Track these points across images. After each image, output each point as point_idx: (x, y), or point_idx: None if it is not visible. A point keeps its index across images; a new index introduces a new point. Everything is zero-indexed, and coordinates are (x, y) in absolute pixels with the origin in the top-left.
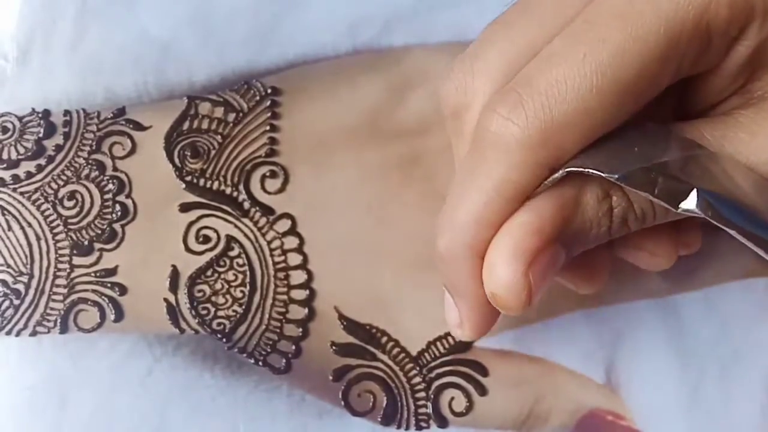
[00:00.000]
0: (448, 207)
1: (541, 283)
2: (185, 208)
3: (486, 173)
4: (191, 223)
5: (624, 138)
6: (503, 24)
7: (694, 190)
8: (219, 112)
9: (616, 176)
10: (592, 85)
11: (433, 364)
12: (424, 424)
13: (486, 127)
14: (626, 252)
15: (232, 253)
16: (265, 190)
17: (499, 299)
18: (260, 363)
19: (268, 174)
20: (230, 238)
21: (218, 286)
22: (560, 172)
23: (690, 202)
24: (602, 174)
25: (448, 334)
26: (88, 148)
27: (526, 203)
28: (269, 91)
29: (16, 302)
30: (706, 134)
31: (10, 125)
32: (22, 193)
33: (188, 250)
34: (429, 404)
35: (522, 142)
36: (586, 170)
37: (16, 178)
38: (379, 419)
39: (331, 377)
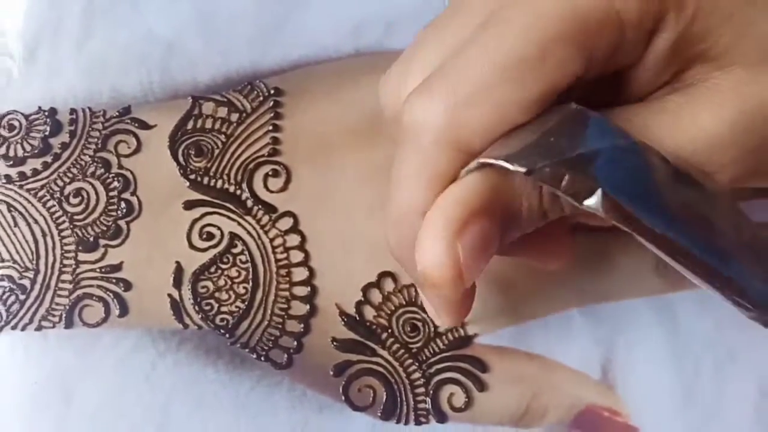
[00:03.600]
0: (385, 208)
1: (473, 260)
2: (189, 205)
3: (407, 162)
4: (195, 221)
5: (543, 125)
6: (435, 27)
7: (599, 190)
8: (223, 111)
9: (524, 170)
10: (494, 62)
11: (432, 360)
12: (423, 419)
13: (403, 119)
14: (521, 254)
15: (235, 250)
16: (267, 189)
17: (428, 277)
18: (262, 358)
19: (270, 173)
20: (233, 236)
21: (221, 282)
22: (474, 162)
23: (593, 200)
24: (510, 167)
25: (448, 330)
26: (93, 146)
27: (454, 184)
28: (272, 91)
29: (22, 297)
30: (632, 119)
31: (16, 123)
32: (28, 190)
33: (192, 246)
34: (428, 399)
35: (431, 125)
36: (497, 162)
37: (22, 175)
38: (379, 414)
39: (331, 372)
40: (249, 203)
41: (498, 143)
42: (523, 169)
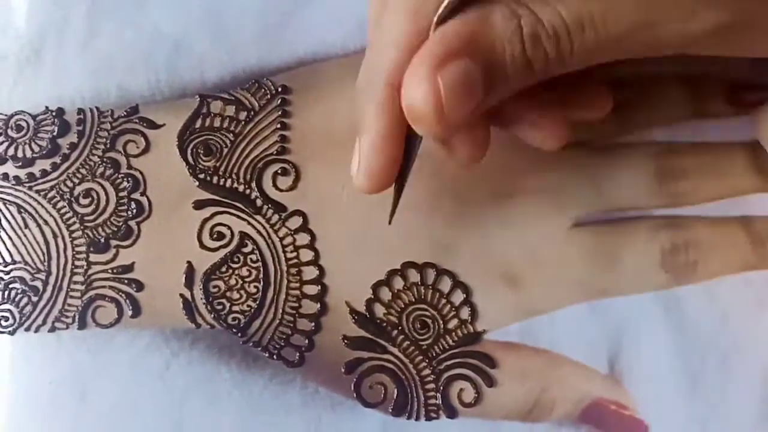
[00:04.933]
0: (368, 45)
1: (454, 96)
2: (199, 205)
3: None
4: (205, 220)
5: None
6: None
7: None
8: (231, 110)
9: None
10: None
11: (442, 356)
12: (433, 415)
13: None
14: (516, 127)
15: (246, 250)
16: (276, 188)
17: (412, 110)
18: (274, 357)
19: (279, 171)
20: (244, 235)
21: (233, 281)
22: None
23: None
24: None
25: (457, 327)
26: (102, 146)
27: (437, 29)
28: (280, 89)
29: (35, 299)
30: None
31: (24, 124)
32: (38, 191)
33: (203, 246)
34: (438, 395)
35: None
36: None
37: (31, 176)
38: (391, 410)
39: (343, 370)
40: (258, 202)
41: None
42: None
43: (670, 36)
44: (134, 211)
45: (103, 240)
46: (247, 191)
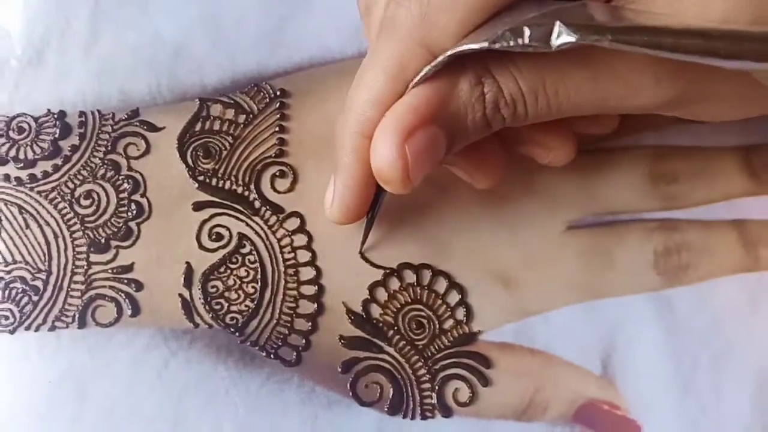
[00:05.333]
0: (351, 89)
1: (419, 161)
2: (198, 206)
3: (378, 53)
4: (204, 222)
5: (498, 22)
6: None
7: (557, 23)
8: (230, 113)
9: (486, 43)
10: None
11: (437, 356)
12: (429, 414)
13: (385, 14)
14: (523, 147)
15: (244, 251)
16: (275, 190)
17: (381, 172)
18: (272, 356)
19: (277, 174)
20: (242, 236)
21: (231, 282)
22: (441, 57)
23: (559, 35)
24: (474, 46)
25: (453, 327)
26: (103, 149)
27: (411, 91)
28: (278, 93)
29: (35, 298)
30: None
31: (26, 126)
32: (39, 192)
33: (201, 247)
34: (434, 395)
35: (407, 23)
36: (462, 47)
37: (33, 178)
38: (386, 409)
39: (339, 369)
40: (257, 204)
41: (461, 42)
42: (485, 43)
43: (618, 108)
44: (134, 212)
45: (103, 240)
46: (246, 193)
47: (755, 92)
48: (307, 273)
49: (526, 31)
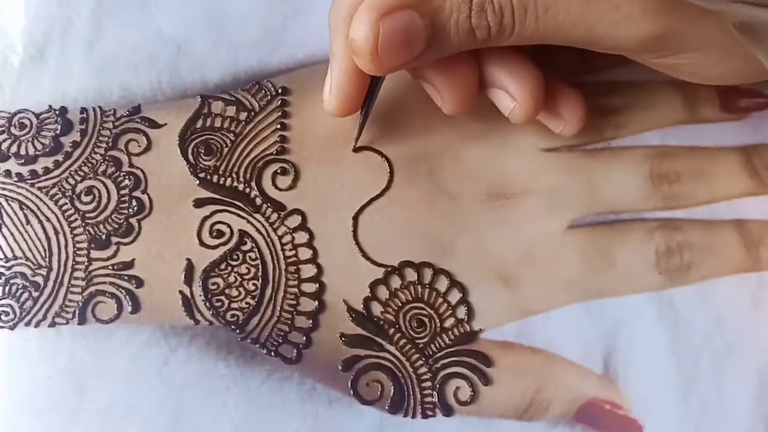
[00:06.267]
0: None
1: (391, 42)
2: (199, 203)
3: None
4: (205, 218)
5: None
6: None
7: None
8: (231, 110)
9: None
10: None
11: (438, 354)
12: (430, 413)
13: None
14: (492, 91)
15: (245, 248)
16: (276, 187)
17: (353, 44)
18: (272, 353)
19: (279, 171)
20: (243, 233)
21: (231, 279)
22: None
23: None
24: None
25: (453, 326)
26: (104, 145)
27: None
28: (279, 90)
29: (35, 294)
30: None
31: (27, 122)
32: (40, 188)
33: (202, 244)
34: (435, 393)
35: None
36: None
37: (33, 174)
38: (387, 407)
39: (340, 367)
40: (258, 201)
41: None
42: None
43: (605, 37)
44: (135, 208)
45: (104, 237)
46: (247, 190)
47: (736, 53)
48: (308, 270)
49: None
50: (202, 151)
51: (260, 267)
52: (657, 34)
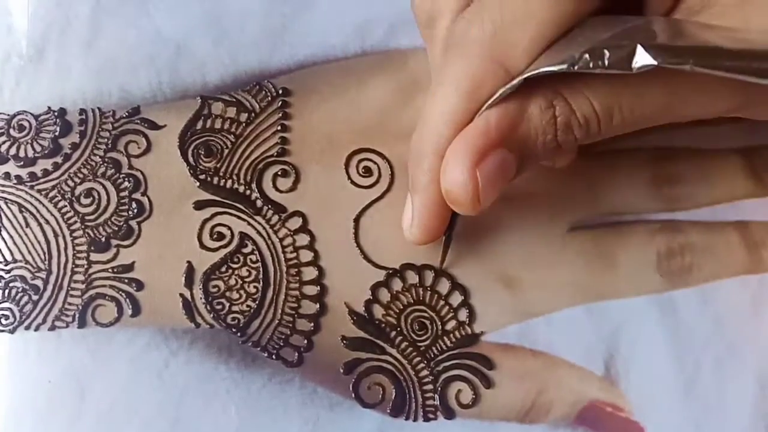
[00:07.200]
0: (424, 107)
1: (490, 184)
2: (200, 205)
3: (450, 70)
4: (205, 221)
5: (572, 35)
6: None
7: (638, 45)
8: (231, 111)
9: (566, 65)
10: None
11: (440, 357)
12: (431, 416)
13: (454, 30)
14: None
15: (246, 250)
16: (277, 189)
17: (450, 194)
18: (273, 356)
19: (279, 173)
20: (244, 236)
21: (232, 281)
22: (517, 79)
23: (640, 58)
24: (553, 69)
25: (455, 329)
26: (103, 147)
27: (482, 113)
28: (280, 91)
29: (35, 297)
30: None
31: (26, 123)
32: (39, 191)
33: (203, 246)
34: (436, 396)
35: (479, 39)
36: (540, 69)
37: (33, 176)
38: (389, 411)
39: (341, 370)
40: (259, 203)
41: (536, 63)
42: (564, 65)
43: (689, 116)
44: (135, 210)
45: (103, 239)
46: (248, 192)
47: None
48: (310, 273)
49: (606, 54)
50: (203, 152)
51: (261, 269)
52: (745, 100)
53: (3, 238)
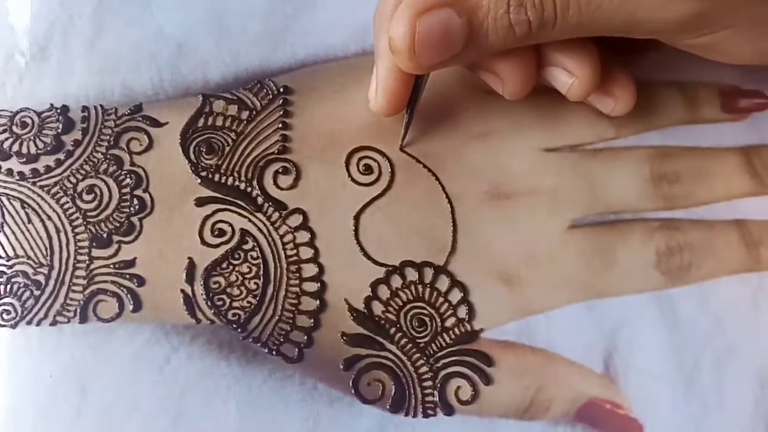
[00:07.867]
0: None
1: (429, 39)
2: (201, 202)
3: None
4: (207, 217)
5: None
6: None
7: None
8: (233, 109)
9: None
10: None
11: (439, 354)
12: (431, 412)
13: None
14: (549, 70)
15: (247, 247)
16: (277, 186)
17: (391, 42)
18: (274, 352)
19: (280, 170)
20: (244, 232)
21: (233, 278)
22: None
23: None
24: None
25: (455, 326)
26: (106, 144)
27: None
28: (281, 90)
29: (37, 293)
30: None
31: (29, 120)
32: (41, 187)
33: (204, 243)
34: (436, 393)
35: None
36: None
37: (35, 172)
38: (388, 407)
39: (341, 366)
40: (259, 200)
41: None
42: None
43: (645, 21)
44: (136, 207)
45: (105, 235)
46: (249, 189)
47: None
48: (310, 270)
49: None
50: (204, 150)
51: (262, 266)
52: (699, 12)
53: (5, 234)
